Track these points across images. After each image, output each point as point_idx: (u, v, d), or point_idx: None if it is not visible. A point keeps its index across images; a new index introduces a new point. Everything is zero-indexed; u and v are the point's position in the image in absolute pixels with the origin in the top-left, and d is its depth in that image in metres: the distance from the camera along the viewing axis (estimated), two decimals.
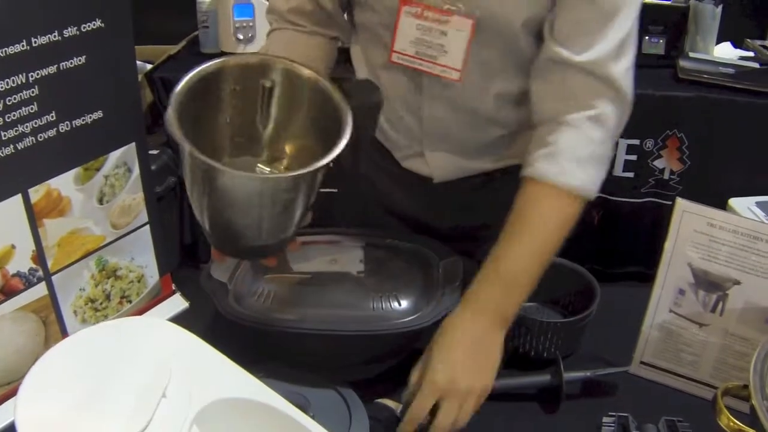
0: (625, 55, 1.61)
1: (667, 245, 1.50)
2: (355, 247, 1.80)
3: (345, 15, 1.86)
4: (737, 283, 1.46)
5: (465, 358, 1.47)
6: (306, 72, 1.51)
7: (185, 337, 1.35)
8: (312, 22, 1.81)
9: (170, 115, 1.37)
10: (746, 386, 1.20)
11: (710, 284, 1.48)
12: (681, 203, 1.48)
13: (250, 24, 3.44)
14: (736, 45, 4.04)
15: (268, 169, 1.57)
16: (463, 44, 1.66)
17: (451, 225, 1.99)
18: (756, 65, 3.74)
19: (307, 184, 1.42)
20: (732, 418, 1.20)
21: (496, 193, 1.76)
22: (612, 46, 1.58)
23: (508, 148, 1.87)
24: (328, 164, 1.38)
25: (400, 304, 1.62)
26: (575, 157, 1.58)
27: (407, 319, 1.58)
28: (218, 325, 1.62)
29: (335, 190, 1.44)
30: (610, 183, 3.52)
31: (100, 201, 1.71)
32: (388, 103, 1.81)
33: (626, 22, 1.60)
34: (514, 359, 1.64)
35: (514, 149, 1.84)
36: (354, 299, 1.64)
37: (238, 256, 1.67)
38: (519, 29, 1.66)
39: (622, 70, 1.60)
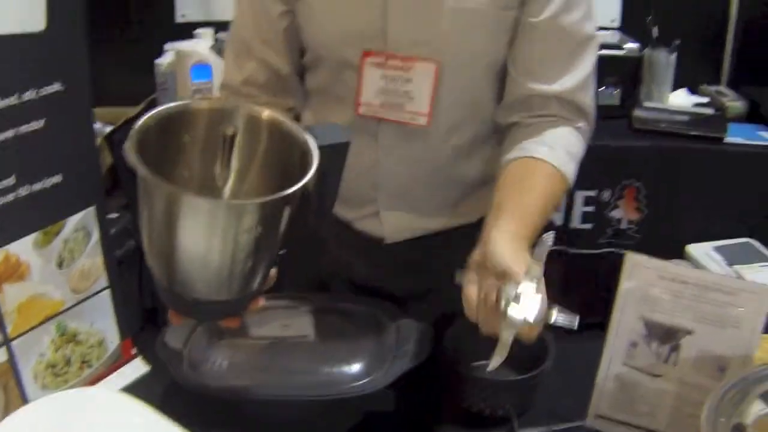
0: (591, 86, 1.73)
1: (618, 299, 1.51)
2: (307, 311, 1.79)
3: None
4: (690, 332, 1.48)
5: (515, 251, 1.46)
6: (267, 114, 1.42)
7: (138, 409, 1.35)
8: (267, 93, 1.82)
9: (127, 146, 1.28)
10: None
11: (663, 335, 1.49)
12: (630, 257, 1.50)
13: (209, 86, 3.45)
14: (692, 91, 4.08)
15: None
16: (429, 88, 1.69)
17: (403, 287, 1.97)
18: (711, 111, 3.77)
19: (273, 221, 1.31)
20: None
21: (448, 254, 1.78)
22: (581, 77, 1.67)
23: (463, 205, 1.89)
24: (295, 197, 1.28)
25: (353, 368, 1.62)
26: (565, 147, 1.66)
27: (361, 382, 1.58)
28: (176, 390, 1.61)
29: (284, 251, 1.40)
30: (568, 235, 3.56)
31: (60, 265, 1.71)
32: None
33: (592, 56, 1.69)
34: (467, 418, 1.63)
35: (470, 207, 1.87)
36: (308, 364, 1.64)
37: (197, 316, 1.54)
38: (482, 70, 1.70)
39: (590, 99, 1.73)
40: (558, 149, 1.65)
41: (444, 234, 1.94)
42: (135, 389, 1.64)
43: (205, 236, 1.28)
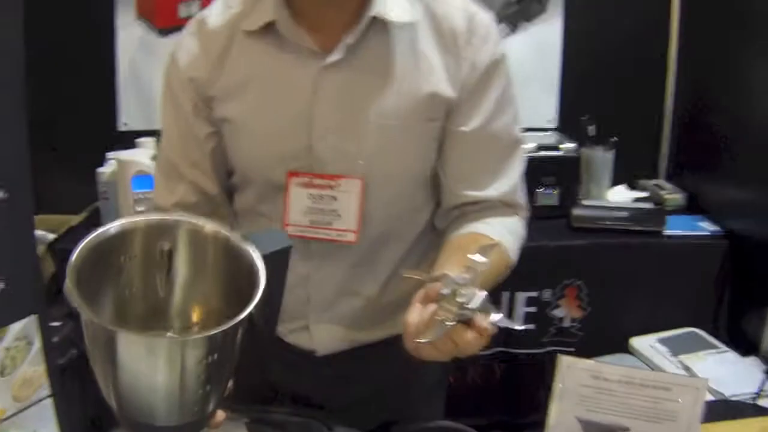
0: (523, 185, 1.81)
1: (553, 400, 1.53)
2: (242, 423, 1.76)
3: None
4: (626, 429, 1.50)
5: None
6: (209, 228, 1.42)
7: None
8: (198, 214, 1.79)
9: (68, 284, 1.29)
10: None
11: None
12: (563, 360, 1.52)
13: (149, 196, 3.43)
14: (631, 186, 4.14)
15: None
16: (356, 205, 1.70)
17: (338, 397, 1.94)
18: (649, 205, 3.83)
19: (224, 347, 1.28)
20: None
21: (383, 363, 1.80)
22: (514, 180, 1.71)
23: (396, 316, 1.89)
24: (244, 321, 1.27)
25: None
26: (506, 227, 1.72)
27: None
28: None
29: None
30: (511, 336, 3.57)
31: (1, 373, 1.70)
32: None
33: (521, 157, 1.74)
34: None
35: (398, 318, 1.88)
36: None
37: None
38: (409, 181, 1.73)
39: (523, 198, 1.81)
40: (497, 226, 1.68)
41: (377, 345, 1.93)
42: None
43: (153, 371, 1.26)
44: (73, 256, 1.33)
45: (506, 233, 1.70)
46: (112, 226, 1.40)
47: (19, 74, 1.74)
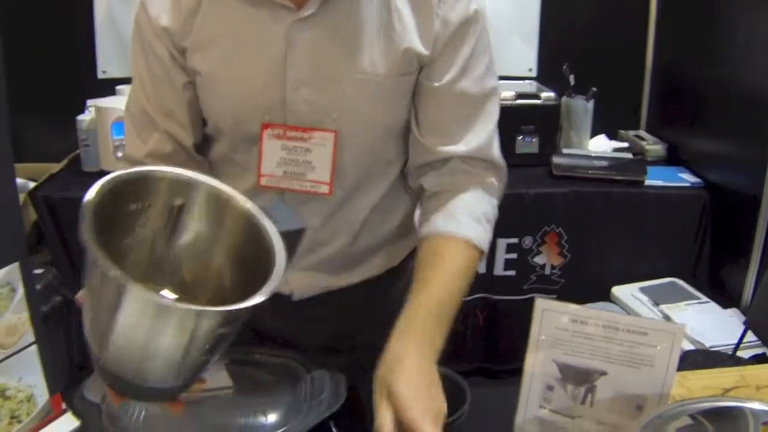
0: (496, 137, 1.76)
1: (531, 344, 1.54)
2: (224, 364, 1.78)
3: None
4: (604, 373, 1.51)
5: (425, 388, 1.46)
6: (230, 194, 1.38)
7: None
8: (171, 164, 1.74)
9: (84, 223, 1.20)
10: None
11: (577, 378, 1.52)
12: (539, 302, 1.53)
13: None
14: (611, 137, 4.16)
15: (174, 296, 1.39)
16: (329, 158, 1.70)
17: (314, 340, 1.94)
18: (630, 156, 3.86)
19: (235, 321, 1.23)
20: None
21: (356, 306, 1.81)
22: (486, 134, 1.71)
23: (369, 261, 1.92)
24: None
25: (268, 419, 1.62)
26: (472, 215, 1.68)
27: None
28: None
29: None
30: (492, 282, 3.60)
31: None
32: None
33: (494, 109, 1.73)
34: None
35: (376, 262, 1.90)
36: (225, 416, 1.64)
37: (138, 399, 1.41)
38: (381, 134, 1.73)
39: (497, 150, 1.76)
40: (463, 220, 1.68)
41: (352, 288, 1.94)
42: None
43: (157, 334, 1.20)
44: (92, 193, 1.26)
45: (474, 225, 1.69)
46: (138, 171, 1.36)
47: None
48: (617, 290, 3.32)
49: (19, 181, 1.88)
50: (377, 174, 1.80)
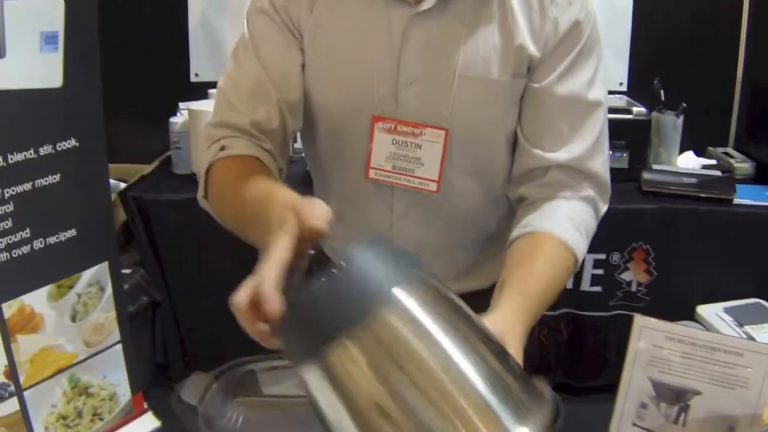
0: (602, 151, 1.71)
1: (627, 361, 1.52)
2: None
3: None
4: (698, 393, 1.49)
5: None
6: None
7: None
8: (272, 142, 1.71)
9: None
10: None
11: (671, 396, 1.50)
12: (639, 319, 1.50)
13: None
14: (699, 154, 4.10)
15: None
16: (438, 155, 1.69)
17: None
18: (718, 173, 3.79)
19: None
20: None
21: None
22: (588, 144, 1.66)
23: (475, 271, 1.88)
24: None
25: None
26: (572, 221, 1.64)
27: None
28: None
29: None
30: (578, 298, 3.56)
31: (73, 319, 1.73)
32: (354, 227, 1.82)
33: (599, 121, 1.68)
34: None
35: (481, 272, 1.87)
36: None
37: None
38: (492, 139, 1.71)
39: (600, 164, 1.71)
40: (562, 221, 1.63)
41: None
42: None
43: None
44: None
45: (571, 229, 1.65)
46: None
47: (92, 25, 1.75)
48: (702, 309, 3.23)
49: (111, 181, 1.89)
50: (484, 181, 1.78)
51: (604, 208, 1.76)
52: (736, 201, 3.55)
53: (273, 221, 1.19)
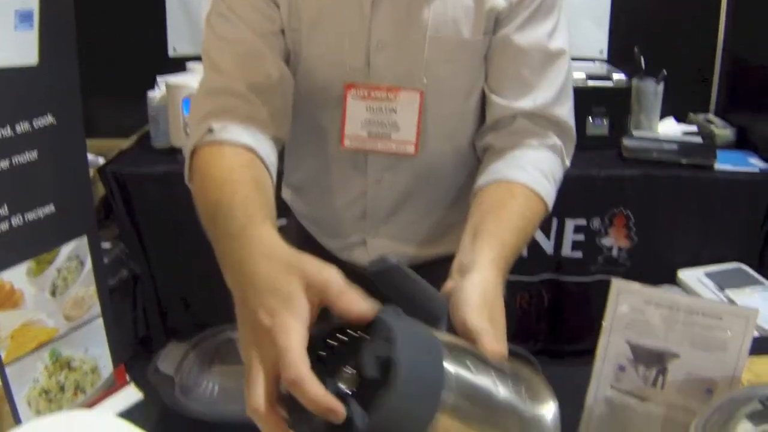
0: (567, 98, 1.72)
1: (605, 325, 1.52)
2: None
3: None
4: (676, 356, 1.49)
5: (493, 298, 1.27)
6: None
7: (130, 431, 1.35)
8: (271, 104, 1.64)
9: None
10: None
11: (649, 359, 1.50)
12: (617, 283, 1.50)
13: None
14: (680, 120, 4.11)
15: None
16: (414, 118, 1.69)
17: None
18: (699, 139, 3.81)
19: None
20: None
21: (435, 282, 1.78)
22: (552, 93, 1.67)
23: (451, 233, 1.87)
24: None
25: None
26: (540, 170, 1.63)
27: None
28: (168, 416, 1.62)
29: None
30: (559, 263, 3.58)
31: (53, 293, 1.72)
32: (328, 194, 1.84)
33: (562, 70, 1.69)
34: None
35: (457, 235, 1.87)
36: None
37: None
38: (465, 97, 1.71)
39: (566, 112, 1.71)
40: (530, 170, 1.62)
41: (432, 263, 1.89)
42: (128, 416, 1.64)
43: None
44: None
45: (540, 177, 1.64)
46: None
47: (67, 1, 1.74)
48: (683, 274, 3.26)
49: (90, 156, 1.89)
50: (459, 140, 1.78)
51: (569, 158, 1.76)
52: (717, 167, 3.58)
53: (268, 282, 1.07)
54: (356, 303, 1.00)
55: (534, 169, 1.63)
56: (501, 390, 1.02)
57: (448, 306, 1.18)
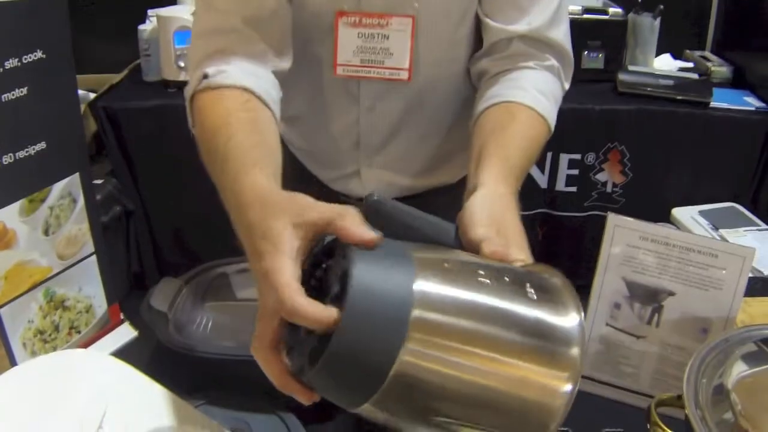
0: (562, 21, 1.69)
1: (601, 260, 1.52)
2: None
3: None
4: (672, 294, 1.49)
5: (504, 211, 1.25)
6: None
7: (124, 370, 1.34)
8: (269, 37, 1.61)
9: None
10: (680, 396, 1.23)
11: (645, 297, 1.50)
12: (612, 218, 1.50)
13: None
14: (676, 56, 4.09)
15: None
16: (407, 43, 1.67)
17: None
18: (695, 76, 3.79)
19: None
20: (666, 429, 1.23)
21: (430, 212, 1.78)
22: (547, 16, 1.65)
23: (445, 165, 1.88)
24: None
25: None
26: (540, 90, 1.61)
27: None
28: (162, 353, 1.62)
29: None
30: (553, 198, 3.58)
31: (46, 232, 1.72)
32: (321, 124, 1.83)
33: None
34: None
35: (452, 166, 1.87)
36: None
37: None
38: (457, 23, 1.70)
39: (561, 34, 1.69)
40: (529, 89, 1.60)
41: (425, 194, 1.92)
42: (123, 354, 1.65)
43: None
44: None
45: (540, 96, 1.63)
46: None
47: None
48: (677, 212, 3.26)
49: (80, 92, 1.87)
50: (452, 66, 1.77)
51: (568, 81, 1.74)
52: (713, 104, 3.57)
53: (260, 229, 1.06)
54: (353, 229, 0.98)
55: (532, 89, 1.61)
56: (505, 303, 0.97)
57: (455, 230, 1.14)
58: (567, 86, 1.74)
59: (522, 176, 1.44)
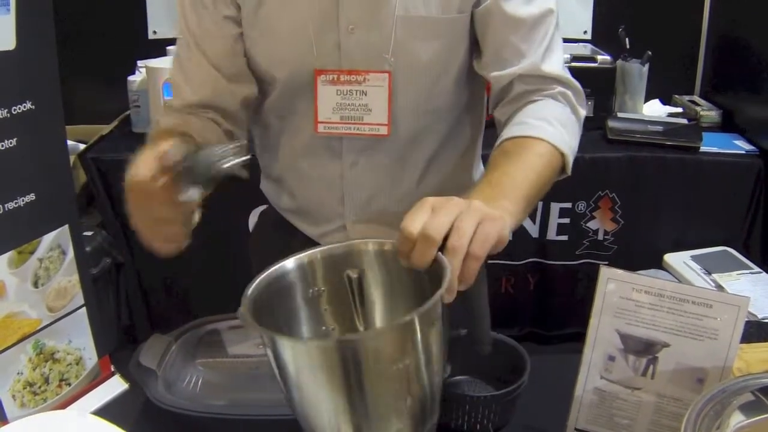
0: (554, 52, 1.70)
1: (594, 313, 1.51)
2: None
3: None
4: (666, 345, 1.48)
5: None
6: (391, 246, 1.31)
7: (107, 430, 1.33)
8: (223, 115, 1.74)
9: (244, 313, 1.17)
10: None
11: (640, 348, 1.49)
12: (604, 271, 1.49)
13: None
14: (665, 101, 4.11)
15: None
16: (385, 99, 1.69)
17: None
18: (685, 121, 3.81)
19: (414, 347, 1.13)
20: None
21: None
22: (540, 53, 1.67)
23: None
24: (435, 320, 1.15)
25: None
26: (539, 117, 1.61)
27: None
28: (150, 411, 1.60)
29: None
30: (544, 247, 3.58)
31: (35, 284, 1.71)
32: (306, 181, 1.84)
33: (546, 29, 1.68)
34: None
35: None
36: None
37: None
38: (437, 77, 1.70)
39: (556, 66, 1.70)
40: (529, 121, 1.59)
41: None
42: (112, 408, 1.63)
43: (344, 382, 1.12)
44: (249, 290, 1.21)
45: (544, 124, 1.62)
46: (288, 262, 1.29)
47: None
48: (669, 257, 3.27)
49: (69, 143, 1.87)
50: (438, 116, 1.77)
51: (582, 107, 1.74)
52: (703, 149, 3.57)
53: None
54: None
55: (535, 120, 1.61)
56: None
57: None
58: (582, 111, 1.74)
59: (527, 204, 1.45)
